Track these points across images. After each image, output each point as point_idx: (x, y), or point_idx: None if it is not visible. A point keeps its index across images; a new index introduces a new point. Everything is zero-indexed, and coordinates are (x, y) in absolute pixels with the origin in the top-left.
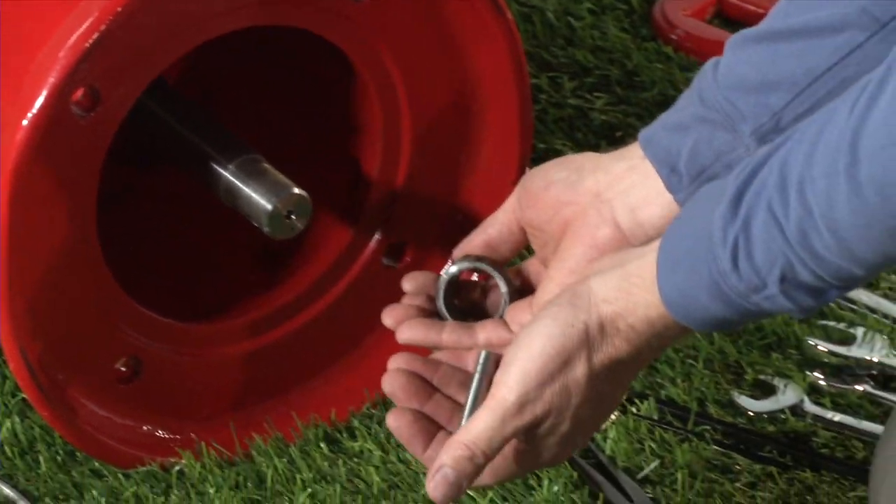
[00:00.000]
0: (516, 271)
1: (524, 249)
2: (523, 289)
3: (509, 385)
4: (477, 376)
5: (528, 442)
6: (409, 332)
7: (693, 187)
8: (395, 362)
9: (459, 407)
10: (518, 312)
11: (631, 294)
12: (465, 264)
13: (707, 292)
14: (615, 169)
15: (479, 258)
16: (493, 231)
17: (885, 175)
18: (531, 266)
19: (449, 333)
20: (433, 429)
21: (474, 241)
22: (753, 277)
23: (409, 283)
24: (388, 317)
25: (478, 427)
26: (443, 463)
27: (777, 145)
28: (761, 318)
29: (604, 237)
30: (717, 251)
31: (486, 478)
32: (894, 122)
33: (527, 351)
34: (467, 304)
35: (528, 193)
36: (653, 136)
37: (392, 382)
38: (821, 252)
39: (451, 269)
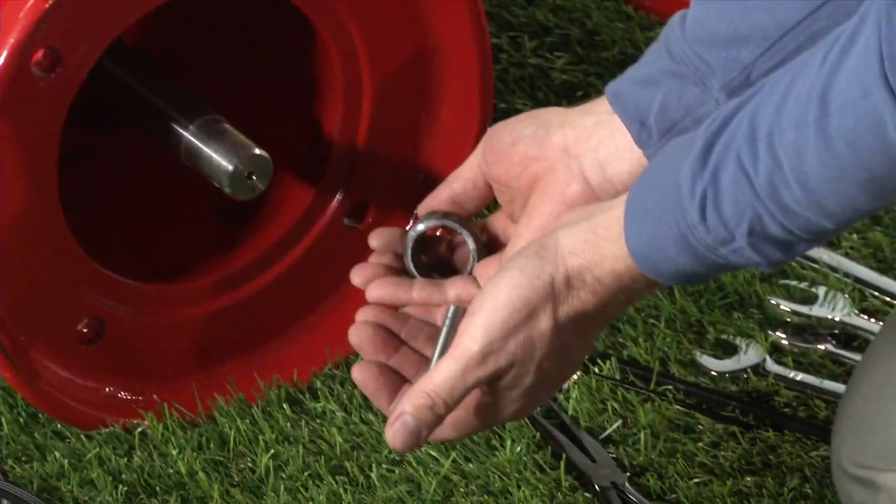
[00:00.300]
0: (482, 227)
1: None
2: (490, 244)
3: (473, 335)
4: (445, 329)
5: (492, 394)
6: (379, 290)
7: (663, 142)
8: (364, 314)
9: (426, 360)
10: (488, 269)
11: (598, 247)
12: (432, 221)
13: (675, 245)
14: (583, 124)
15: (445, 214)
16: (457, 186)
17: (856, 128)
18: (497, 221)
19: (419, 291)
20: (399, 382)
21: (439, 197)
22: (721, 230)
23: (375, 240)
24: (357, 276)
25: (440, 376)
26: (403, 410)
27: (747, 97)
28: (729, 271)
29: (573, 193)
30: (685, 203)
31: (448, 431)
32: (865, 74)
33: (492, 302)
34: (435, 260)
35: (494, 149)
36: (621, 90)
37: (359, 334)
38: (790, 205)
39: (418, 226)
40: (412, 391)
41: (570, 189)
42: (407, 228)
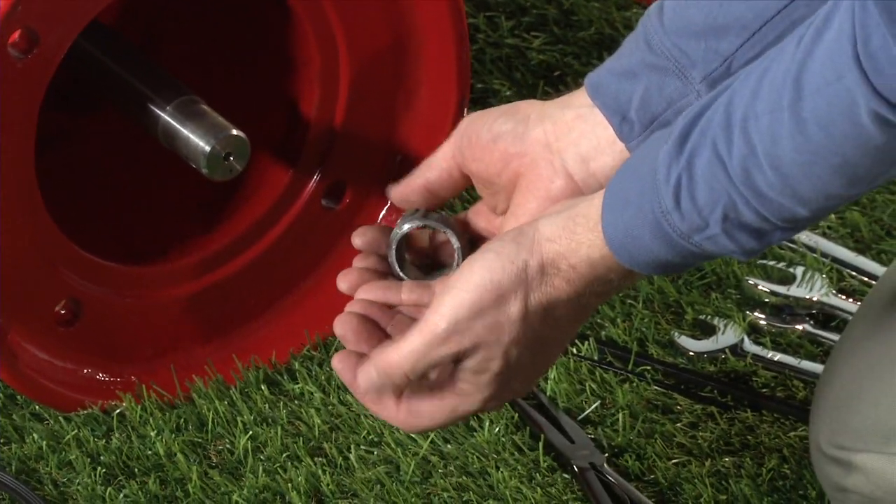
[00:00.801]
0: (464, 221)
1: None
2: (474, 240)
3: (442, 313)
4: None
5: (458, 377)
6: (368, 295)
7: (645, 136)
8: (352, 306)
9: None
10: None
11: (574, 234)
12: (415, 222)
13: (650, 232)
14: (563, 118)
15: (426, 214)
16: (432, 176)
17: (829, 111)
18: (479, 215)
19: (408, 293)
20: None
21: (413, 185)
22: (695, 217)
23: (359, 239)
24: (343, 282)
25: (405, 348)
26: (369, 368)
27: (726, 86)
28: (704, 261)
29: (557, 189)
30: (661, 190)
31: (422, 420)
32: (838, 57)
33: (464, 282)
34: (419, 257)
35: (473, 145)
36: (600, 82)
37: (343, 325)
38: (764, 190)
39: (402, 227)
40: (376, 356)
41: (553, 185)
42: (380, 221)
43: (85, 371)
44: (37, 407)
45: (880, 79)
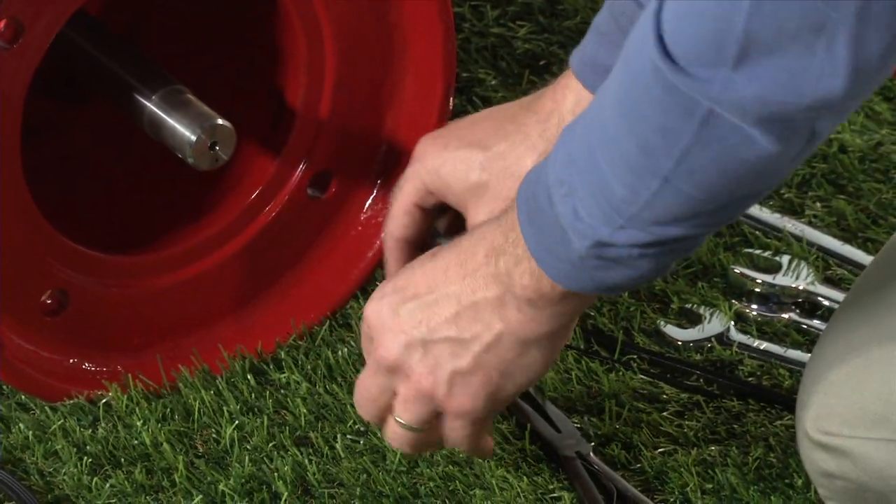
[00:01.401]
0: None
1: None
2: None
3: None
4: None
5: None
6: None
7: None
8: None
9: None
10: None
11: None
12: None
13: (534, 180)
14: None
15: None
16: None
17: (633, 64)
18: None
19: None
20: None
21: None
22: (562, 171)
23: None
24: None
25: None
26: None
27: None
28: (558, 237)
29: None
30: (556, 149)
31: None
32: (650, 7)
33: None
34: None
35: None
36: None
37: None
38: (600, 162)
39: None
40: None
41: None
42: (366, 210)
43: (71, 361)
44: (22, 396)
45: (665, 25)
